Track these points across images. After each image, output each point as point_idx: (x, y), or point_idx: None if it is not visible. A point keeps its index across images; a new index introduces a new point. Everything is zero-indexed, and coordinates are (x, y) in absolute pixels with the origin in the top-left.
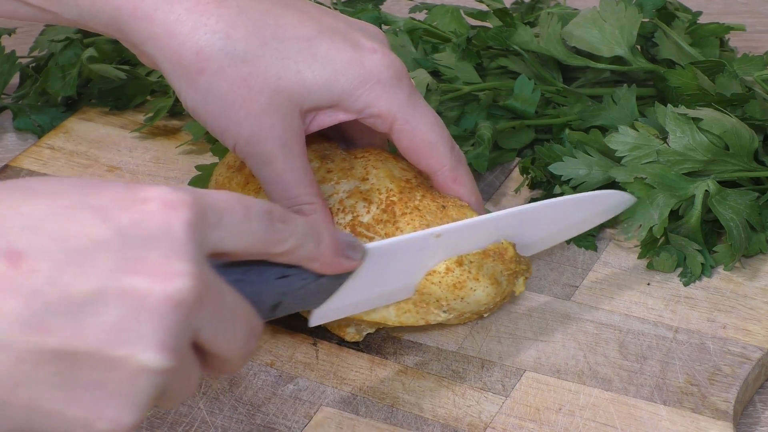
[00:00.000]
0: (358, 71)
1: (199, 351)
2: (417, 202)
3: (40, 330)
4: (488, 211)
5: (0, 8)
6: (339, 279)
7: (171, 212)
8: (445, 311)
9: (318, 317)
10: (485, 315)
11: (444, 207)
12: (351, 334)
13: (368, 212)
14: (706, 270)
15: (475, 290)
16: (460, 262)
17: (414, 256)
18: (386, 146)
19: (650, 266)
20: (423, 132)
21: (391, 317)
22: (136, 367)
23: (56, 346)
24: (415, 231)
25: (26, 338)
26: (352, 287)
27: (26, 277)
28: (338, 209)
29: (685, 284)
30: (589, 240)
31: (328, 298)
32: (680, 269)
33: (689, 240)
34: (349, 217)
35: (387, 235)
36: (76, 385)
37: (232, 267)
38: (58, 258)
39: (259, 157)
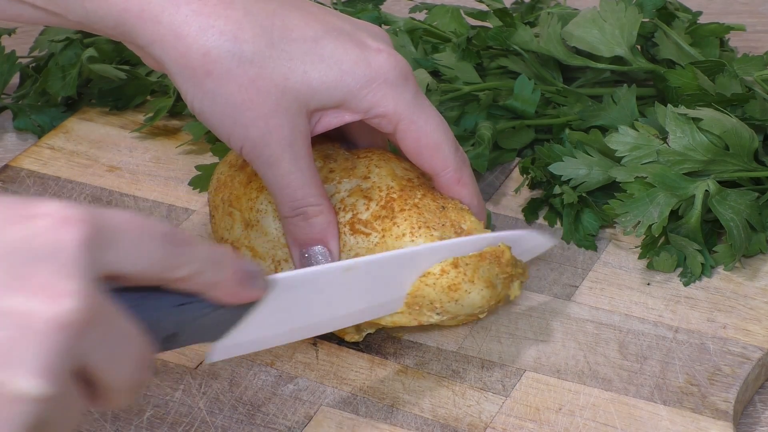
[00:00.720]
0: (365, 71)
1: (84, 380)
2: (417, 200)
3: None
4: (488, 212)
5: (5, 11)
6: (240, 311)
7: (62, 229)
8: (438, 313)
9: (217, 352)
10: (480, 317)
11: (444, 208)
12: (351, 334)
13: (367, 209)
14: (706, 270)
15: (469, 293)
16: (455, 264)
17: (324, 290)
18: (387, 147)
19: (650, 266)
20: (428, 132)
21: (384, 318)
22: (12, 393)
23: None
24: (411, 228)
25: None
26: (255, 321)
27: None
28: (339, 208)
29: (685, 284)
30: (589, 240)
31: (228, 331)
32: (680, 269)
33: (689, 240)
34: (349, 215)
35: (384, 231)
36: None
37: (128, 292)
38: None
39: (266, 159)
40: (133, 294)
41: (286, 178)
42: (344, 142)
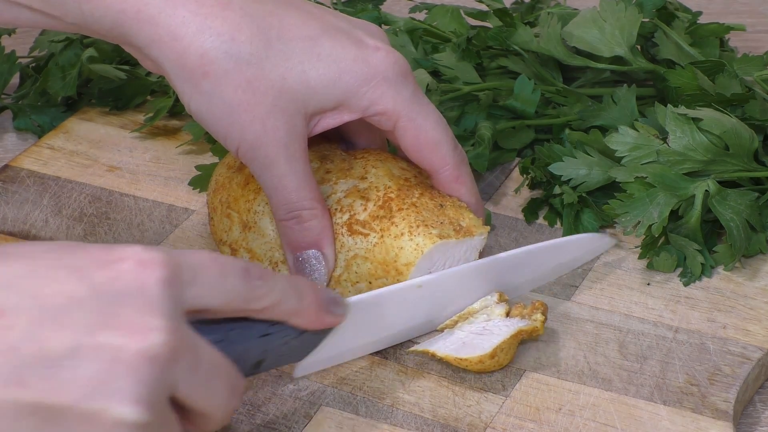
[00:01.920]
0: (363, 69)
1: (180, 407)
2: (414, 200)
3: (18, 384)
4: (488, 212)
5: (2, 14)
6: (321, 333)
7: (145, 270)
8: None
9: (302, 369)
10: None
11: (442, 206)
12: None
13: (365, 209)
14: (707, 270)
15: (503, 365)
16: (492, 355)
17: (398, 306)
18: (386, 147)
19: (650, 266)
20: (427, 129)
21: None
22: (112, 420)
23: (33, 400)
24: (410, 227)
25: (4, 392)
26: (335, 339)
27: (3, 333)
28: (336, 209)
29: (686, 284)
30: None
31: (311, 351)
32: (680, 269)
33: (689, 240)
34: (346, 216)
35: (382, 231)
36: None
37: (215, 325)
38: (34, 314)
39: (262, 161)
40: (221, 327)
41: (281, 180)
42: (342, 142)
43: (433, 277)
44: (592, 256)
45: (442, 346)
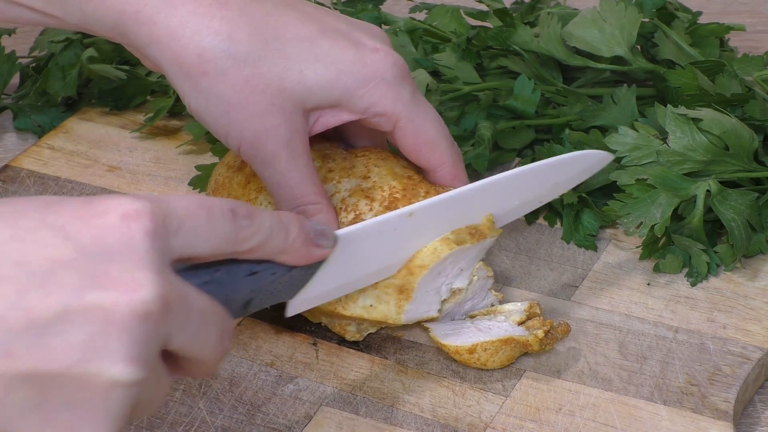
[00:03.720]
0: (361, 70)
1: (170, 357)
2: (421, 198)
3: (7, 355)
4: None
5: (3, 13)
6: (311, 269)
7: (130, 223)
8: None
9: (293, 308)
10: None
11: None
12: (352, 333)
13: (371, 209)
14: (713, 269)
15: (485, 364)
16: (471, 350)
17: (388, 237)
18: (386, 146)
19: (656, 269)
20: (426, 129)
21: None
22: (108, 382)
23: (24, 370)
24: None
25: None
26: (325, 275)
27: None
28: (341, 208)
29: (692, 284)
30: (589, 240)
31: (301, 289)
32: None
33: (693, 240)
34: (351, 216)
35: None
36: (49, 407)
37: (199, 269)
38: (20, 281)
39: (263, 158)
40: (205, 270)
41: (284, 177)
42: (341, 143)
43: (425, 203)
44: (591, 173)
45: (440, 329)
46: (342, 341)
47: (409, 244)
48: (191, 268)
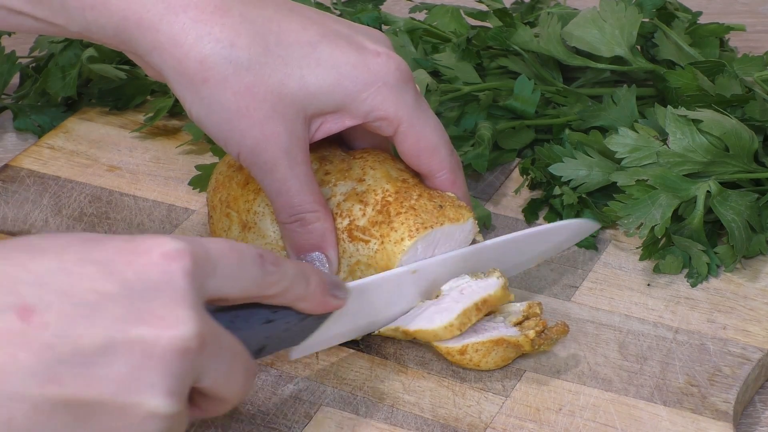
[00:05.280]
0: (363, 74)
1: (194, 394)
2: (413, 202)
3: (53, 381)
4: (488, 212)
5: (6, 22)
6: (321, 318)
7: (171, 263)
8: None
9: (297, 352)
10: None
11: (441, 207)
12: None
13: (364, 215)
14: (713, 270)
15: (478, 365)
16: (462, 351)
17: (392, 292)
18: (388, 147)
19: (656, 269)
20: (427, 134)
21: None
22: (146, 413)
23: (68, 396)
24: (409, 231)
25: (40, 390)
26: (333, 323)
27: (37, 331)
28: (336, 213)
29: (693, 285)
30: (589, 240)
31: (309, 336)
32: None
33: (693, 241)
34: (346, 221)
35: (382, 237)
36: None
37: (219, 314)
38: (67, 312)
39: (263, 166)
40: (226, 315)
41: (283, 185)
42: (342, 146)
43: (427, 262)
44: (579, 239)
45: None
46: None
47: (409, 297)
48: (213, 311)
